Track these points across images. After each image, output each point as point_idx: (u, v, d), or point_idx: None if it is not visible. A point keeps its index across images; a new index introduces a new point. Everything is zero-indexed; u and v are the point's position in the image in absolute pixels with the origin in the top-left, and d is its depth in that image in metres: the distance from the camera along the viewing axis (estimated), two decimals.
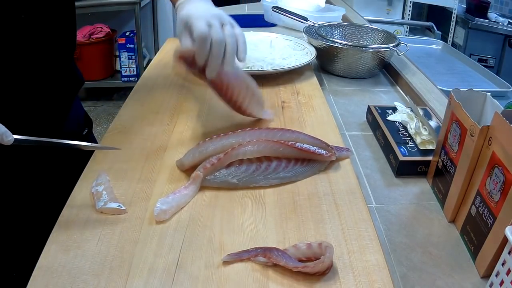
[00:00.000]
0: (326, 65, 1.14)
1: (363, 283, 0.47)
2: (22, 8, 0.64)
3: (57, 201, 0.59)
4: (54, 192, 0.71)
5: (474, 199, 0.55)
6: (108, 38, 3.02)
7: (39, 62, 0.70)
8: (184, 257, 0.50)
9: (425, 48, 1.89)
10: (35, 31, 0.67)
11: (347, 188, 0.62)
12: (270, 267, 0.48)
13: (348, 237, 0.53)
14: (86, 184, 0.61)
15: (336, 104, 0.97)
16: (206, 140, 0.67)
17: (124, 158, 0.67)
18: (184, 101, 0.86)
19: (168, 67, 0.91)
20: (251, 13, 1.77)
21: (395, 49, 1.05)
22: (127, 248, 0.51)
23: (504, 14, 2.57)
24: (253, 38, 1.16)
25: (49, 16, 0.69)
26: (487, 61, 2.43)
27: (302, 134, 0.69)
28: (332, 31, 1.25)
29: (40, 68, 0.71)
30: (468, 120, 0.56)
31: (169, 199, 0.57)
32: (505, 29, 2.37)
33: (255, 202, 0.59)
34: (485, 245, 0.52)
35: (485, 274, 0.52)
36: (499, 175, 0.49)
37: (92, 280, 0.46)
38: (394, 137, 0.75)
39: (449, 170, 0.62)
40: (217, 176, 0.62)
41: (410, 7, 2.70)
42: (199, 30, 0.62)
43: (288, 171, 0.64)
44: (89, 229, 0.53)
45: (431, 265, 0.54)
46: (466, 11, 2.58)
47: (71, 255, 0.49)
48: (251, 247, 0.50)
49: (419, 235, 0.59)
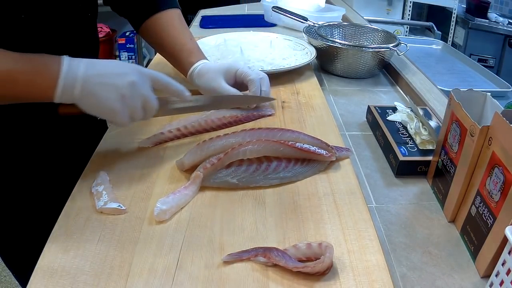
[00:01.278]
0: (326, 65, 1.14)
1: (363, 283, 0.47)
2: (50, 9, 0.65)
3: (57, 201, 0.59)
4: (54, 191, 0.71)
5: (474, 199, 0.55)
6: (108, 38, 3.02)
7: None
8: (184, 257, 0.50)
9: (425, 48, 1.89)
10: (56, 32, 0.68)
11: (347, 188, 0.62)
12: (270, 267, 0.48)
13: (348, 237, 0.53)
14: (86, 184, 0.61)
15: (336, 104, 0.97)
16: (206, 140, 0.67)
17: (124, 158, 0.67)
18: None
19: (168, 67, 0.90)
20: (251, 13, 1.77)
21: (395, 49, 1.05)
22: (127, 248, 0.51)
23: (504, 14, 2.57)
24: (253, 38, 1.16)
25: (71, 19, 0.70)
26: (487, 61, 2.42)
27: (302, 134, 0.69)
28: (332, 31, 1.25)
29: None
30: (468, 120, 0.56)
31: (169, 199, 0.57)
32: (505, 29, 2.37)
33: (255, 202, 0.59)
34: (485, 245, 0.52)
35: (485, 274, 0.52)
36: (499, 175, 0.49)
37: (92, 280, 0.46)
38: (394, 137, 0.75)
39: (449, 170, 0.62)
40: (217, 176, 0.62)
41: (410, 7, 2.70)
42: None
43: (288, 171, 0.63)
44: (89, 229, 0.53)
45: (431, 265, 0.54)
46: (466, 11, 2.58)
47: (71, 255, 0.49)
48: (251, 247, 0.50)
49: (419, 235, 0.59)
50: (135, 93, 0.58)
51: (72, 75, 0.55)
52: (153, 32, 0.85)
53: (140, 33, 0.87)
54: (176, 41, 0.84)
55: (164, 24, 0.84)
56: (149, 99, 0.61)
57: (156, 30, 0.84)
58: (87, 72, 0.56)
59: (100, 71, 0.57)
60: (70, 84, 0.55)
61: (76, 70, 0.56)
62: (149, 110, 0.62)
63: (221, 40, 1.15)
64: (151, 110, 0.62)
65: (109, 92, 0.57)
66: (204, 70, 0.81)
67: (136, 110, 0.59)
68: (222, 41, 1.14)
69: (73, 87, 0.55)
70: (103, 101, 0.56)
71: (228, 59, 1.02)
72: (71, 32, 0.72)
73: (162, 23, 0.84)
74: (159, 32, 0.84)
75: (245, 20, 1.65)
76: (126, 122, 0.60)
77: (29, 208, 0.79)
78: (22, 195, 0.78)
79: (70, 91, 0.55)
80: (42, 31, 0.66)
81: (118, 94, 0.57)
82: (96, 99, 0.56)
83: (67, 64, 0.56)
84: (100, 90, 0.56)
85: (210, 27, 1.52)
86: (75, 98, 0.56)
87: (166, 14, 0.85)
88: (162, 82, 0.64)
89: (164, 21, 0.84)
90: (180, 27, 0.85)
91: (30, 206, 0.79)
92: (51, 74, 0.55)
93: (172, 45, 0.84)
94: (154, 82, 0.62)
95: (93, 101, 0.57)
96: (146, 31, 0.86)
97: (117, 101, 0.57)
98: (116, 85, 0.57)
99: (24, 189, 0.78)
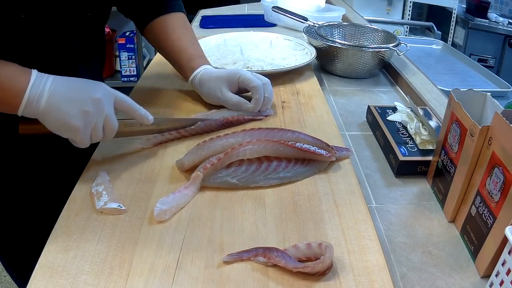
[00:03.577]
0: (326, 65, 1.14)
1: (363, 283, 0.47)
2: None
3: (57, 201, 0.59)
4: (54, 192, 0.71)
5: (474, 199, 0.55)
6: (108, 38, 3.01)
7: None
8: (184, 257, 0.50)
9: (425, 48, 1.89)
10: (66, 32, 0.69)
11: (347, 188, 0.62)
12: (270, 267, 0.48)
13: (348, 237, 0.53)
14: (86, 184, 0.61)
15: (336, 104, 0.97)
16: (206, 140, 0.67)
17: (124, 158, 0.67)
18: (184, 101, 0.86)
19: (168, 67, 0.90)
20: (251, 13, 1.77)
21: (395, 49, 1.05)
22: (127, 248, 0.51)
23: (504, 14, 2.57)
24: (253, 38, 1.17)
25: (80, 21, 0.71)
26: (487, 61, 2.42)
27: (302, 134, 0.69)
28: (332, 31, 1.25)
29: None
30: (468, 120, 0.56)
31: (169, 199, 0.57)
32: (505, 29, 2.37)
33: (255, 202, 0.59)
34: (485, 245, 0.52)
35: (485, 274, 0.52)
36: (499, 175, 0.49)
37: (92, 280, 0.46)
38: (394, 137, 0.75)
39: (449, 170, 0.62)
40: (217, 176, 0.62)
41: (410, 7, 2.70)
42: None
43: (288, 171, 0.63)
44: (89, 229, 0.53)
45: (431, 265, 0.54)
46: (466, 11, 2.58)
47: (71, 255, 0.49)
48: (251, 247, 0.50)
49: (419, 235, 0.59)
50: (98, 111, 0.57)
51: (39, 88, 0.55)
52: (156, 35, 0.85)
53: (144, 35, 0.87)
54: (177, 45, 0.84)
55: (167, 27, 0.84)
56: (111, 119, 0.59)
57: (159, 33, 0.84)
58: (54, 86, 0.56)
59: (67, 86, 0.57)
60: (36, 97, 0.55)
61: (43, 84, 0.55)
62: (108, 131, 0.60)
63: (221, 40, 1.15)
64: (111, 131, 0.60)
65: (73, 108, 0.56)
66: (206, 77, 0.80)
67: (97, 129, 0.58)
68: (222, 41, 1.14)
69: (39, 100, 0.55)
70: (66, 116, 0.55)
71: (228, 59, 1.02)
72: (71, 32, 0.72)
73: (165, 27, 0.84)
74: (161, 35, 0.84)
75: (245, 20, 1.65)
76: (86, 141, 0.58)
77: (29, 208, 0.79)
78: (22, 195, 0.78)
79: (36, 104, 0.55)
80: (42, 31, 0.66)
81: (82, 110, 0.56)
82: (59, 114, 0.55)
83: (35, 77, 0.55)
84: (64, 105, 0.55)
85: (210, 27, 1.52)
86: (39, 112, 0.55)
87: (170, 17, 0.84)
88: (126, 105, 0.62)
89: (167, 25, 0.84)
90: (183, 31, 0.85)
91: (30, 206, 0.79)
92: (19, 84, 0.54)
93: (174, 49, 0.84)
94: (118, 103, 0.61)
95: (57, 117, 0.55)
96: (150, 33, 0.86)
97: (80, 117, 0.56)
98: (81, 100, 0.56)
99: (24, 189, 0.78)
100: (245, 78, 0.78)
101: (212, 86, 0.79)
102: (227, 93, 0.79)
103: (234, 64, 1.00)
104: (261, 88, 0.78)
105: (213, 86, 0.79)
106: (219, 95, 0.79)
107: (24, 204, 0.79)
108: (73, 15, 0.70)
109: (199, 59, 0.84)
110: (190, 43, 0.85)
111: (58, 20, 0.68)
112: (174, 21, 0.85)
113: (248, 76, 0.78)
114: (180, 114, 0.81)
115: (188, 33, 0.86)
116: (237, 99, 0.79)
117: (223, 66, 0.98)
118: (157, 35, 0.85)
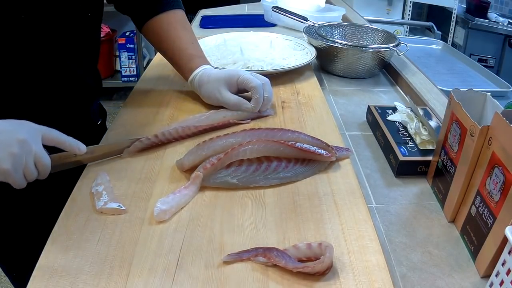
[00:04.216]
0: (326, 65, 1.14)
1: (363, 283, 0.47)
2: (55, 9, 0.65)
3: (57, 201, 0.59)
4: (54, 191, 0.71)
5: (474, 199, 0.55)
6: (108, 38, 3.01)
7: (62, 65, 0.72)
8: (184, 257, 0.50)
9: (425, 48, 1.89)
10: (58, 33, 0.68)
11: (347, 188, 0.62)
12: (270, 267, 0.48)
13: (348, 237, 0.53)
14: (86, 184, 0.61)
15: (336, 104, 0.97)
16: (206, 140, 0.67)
17: (124, 158, 0.67)
18: (184, 101, 0.86)
19: (168, 67, 0.90)
20: (251, 13, 1.77)
21: (395, 49, 1.05)
22: (127, 248, 0.51)
23: (504, 14, 2.57)
24: (253, 38, 1.16)
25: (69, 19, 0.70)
26: (487, 61, 2.43)
27: (302, 134, 0.69)
28: (332, 31, 1.25)
29: (64, 70, 0.73)
30: (468, 120, 0.56)
31: (169, 199, 0.57)
32: (505, 29, 2.37)
33: (255, 202, 0.59)
34: (485, 245, 0.52)
35: (485, 274, 0.52)
36: (499, 175, 0.49)
37: (92, 280, 0.46)
38: (394, 137, 0.75)
39: (449, 170, 0.62)
40: (217, 176, 0.62)
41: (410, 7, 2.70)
42: None
43: (288, 171, 0.63)
44: (89, 229, 0.53)
45: (431, 265, 0.54)
46: (466, 11, 2.58)
47: (71, 255, 0.49)
48: (251, 247, 0.50)
49: (419, 235, 0.59)
50: (26, 151, 0.54)
51: None
52: (155, 33, 0.85)
53: (142, 33, 0.87)
54: (176, 44, 0.83)
55: (165, 26, 0.83)
56: (41, 157, 0.57)
57: (158, 32, 0.84)
58: None
59: None
60: None
61: None
62: (42, 168, 0.57)
63: (221, 40, 1.15)
64: (45, 168, 0.58)
65: (0, 151, 0.53)
66: (205, 78, 0.80)
67: (29, 169, 0.56)
68: (222, 41, 1.14)
69: None
70: None
71: (228, 59, 1.02)
72: (71, 32, 0.71)
73: (163, 25, 0.83)
74: (160, 34, 0.84)
75: (245, 20, 1.65)
76: (21, 182, 0.56)
77: (28, 209, 0.79)
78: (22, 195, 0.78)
79: None
80: (42, 31, 0.66)
81: (8, 152, 0.53)
82: None
83: None
84: None
85: (210, 27, 1.52)
86: None
87: (169, 15, 0.84)
88: (54, 139, 0.60)
89: (166, 23, 0.83)
90: (182, 30, 0.84)
91: (29, 206, 0.79)
92: None
93: (172, 49, 0.84)
94: (45, 139, 0.58)
95: None
96: (148, 31, 0.85)
97: (8, 160, 0.53)
98: (5, 143, 0.53)
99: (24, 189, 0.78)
100: (244, 78, 0.78)
101: (211, 87, 0.79)
102: (227, 94, 0.79)
103: (234, 64, 1.00)
104: (261, 88, 0.78)
105: (212, 88, 0.79)
106: (219, 96, 0.79)
107: (24, 204, 0.79)
108: (73, 15, 0.70)
109: (199, 59, 0.83)
110: (189, 42, 0.84)
111: (58, 20, 0.68)
112: (173, 20, 0.84)
113: (247, 77, 0.78)
114: (180, 114, 0.81)
115: (187, 32, 0.85)
116: (236, 99, 0.79)
117: (223, 66, 0.98)
118: (156, 34, 0.84)
